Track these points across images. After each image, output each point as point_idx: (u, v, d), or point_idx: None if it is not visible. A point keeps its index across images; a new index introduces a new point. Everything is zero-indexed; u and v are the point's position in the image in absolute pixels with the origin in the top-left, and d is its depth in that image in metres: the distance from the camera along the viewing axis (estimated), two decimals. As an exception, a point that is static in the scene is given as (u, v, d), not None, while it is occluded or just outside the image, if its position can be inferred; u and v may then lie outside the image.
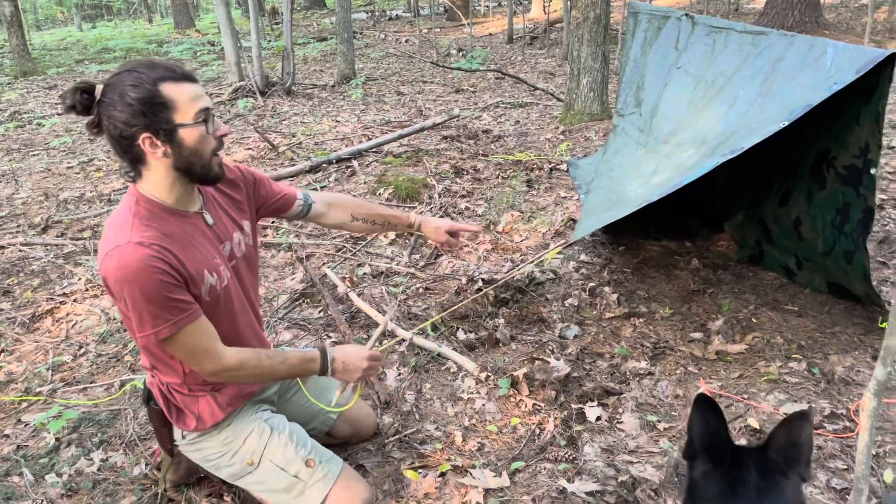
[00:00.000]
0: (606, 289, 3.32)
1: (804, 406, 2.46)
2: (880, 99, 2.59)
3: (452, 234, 2.48)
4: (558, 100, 7.78)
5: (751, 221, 3.64)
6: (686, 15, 3.86)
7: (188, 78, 1.71)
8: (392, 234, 4.20)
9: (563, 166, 5.26)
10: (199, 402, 1.95)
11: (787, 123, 2.43)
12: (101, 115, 1.66)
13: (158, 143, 1.68)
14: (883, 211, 4.11)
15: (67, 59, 15.11)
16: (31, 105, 9.79)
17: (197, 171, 1.77)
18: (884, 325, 2.98)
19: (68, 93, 1.66)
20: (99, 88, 1.66)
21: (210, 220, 1.90)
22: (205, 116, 1.71)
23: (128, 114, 1.64)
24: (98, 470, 2.36)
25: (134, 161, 1.73)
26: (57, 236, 4.54)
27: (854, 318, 3.05)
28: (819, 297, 3.23)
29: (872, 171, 2.70)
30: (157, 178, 1.75)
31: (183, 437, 2.00)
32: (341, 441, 2.39)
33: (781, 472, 1.37)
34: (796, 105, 2.49)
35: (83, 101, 1.66)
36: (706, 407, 1.42)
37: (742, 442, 2.32)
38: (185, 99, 1.68)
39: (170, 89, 1.66)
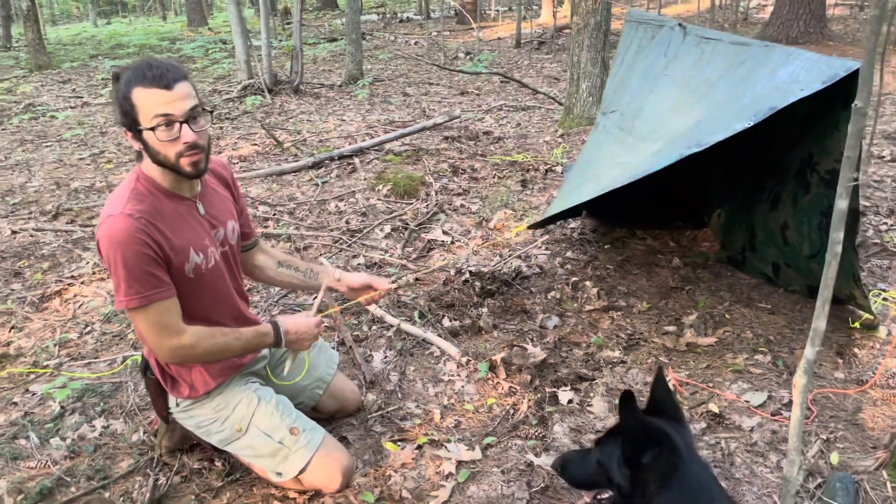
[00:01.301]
0: (588, 283, 3.47)
1: (764, 394, 2.61)
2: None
3: (369, 286, 2.40)
4: (559, 104, 7.93)
5: (739, 226, 3.78)
6: (679, 25, 4.00)
7: (158, 82, 1.80)
8: (388, 228, 4.37)
9: (559, 168, 5.42)
10: (192, 371, 2.12)
11: (752, 123, 2.57)
12: None
13: (135, 140, 1.88)
14: (864, 217, 4.24)
15: (82, 53, 15.36)
16: (45, 98, 10.01)
17: (169, 168, 1.91)
18: (856, 324, 3.12)
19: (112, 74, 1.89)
20: None
21: (202, 210, 2.07)
22: (162, 122, 1.81)
23: (117, 111, 1.86)
24: (99, 436, 2.53)
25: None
26: (67, 223, 4.73)
27: (823, 317, 3.19)
28: (793, 296, 3.37)
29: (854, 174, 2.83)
30: (150, 165, 1.93)
31: (177, 404, 2.17)
32: (327, 416, 2.55)
33: (680, 423, 1.57)
34: (762, 107, 2.63)
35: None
36: (634, 401, 1.54)
37: (704, 425, 2.48)
38: (146, 105, 1.81)
39: (137, 94, 1.81)
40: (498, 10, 21.41)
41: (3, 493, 2.21)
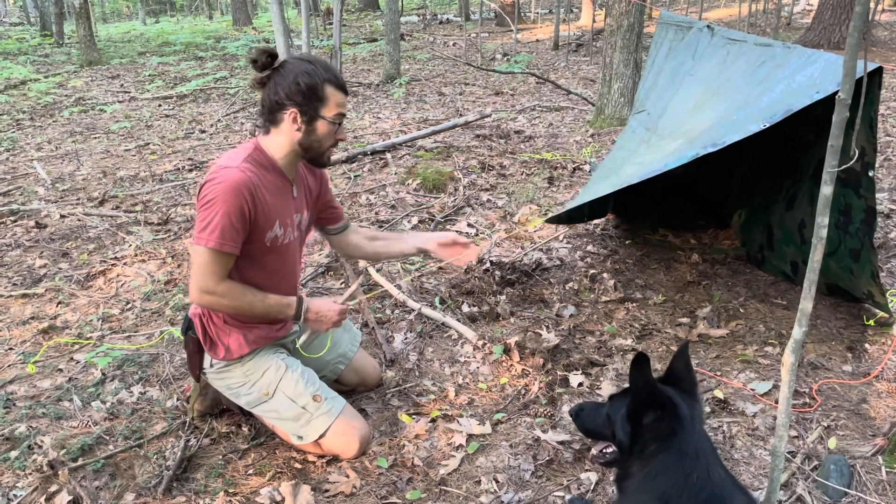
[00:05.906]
0: (606, 275, 3.57)
1: (769, 383, 2.68)
2: (871, 105, 2.78)
3: (453, 244, 2.61)
4: (592, 105, 8.00)
5: (758, 226, 3.84)
6: (707, 26, 4.08)
7: (343, 89, 2.19)
8: (415, 220, 4.52)
9: (587, 167, 5.51)
10: (230, 335, 2.29)
11: (767, 125, 2.64)
12: (272, 78, 2.14)
13: (300, 121, 2.14)
14: (889, 219, 4.26)
15: (130, 50, 15.85)
16: (94, 92, 10.40)
17: (311, 154, 2.23)
18: (870, 322, 3.17)
19: (259, 51, 2.12)
20: (279, 60, 2.14)
21: (295, 193, 2.32)
22: (339, 120, 2.20)
23: (292, 90, 2.11)
24: (136, 401, 2.72)
25: (270, 121, 2.18)
26: (112, 209, 4.97)
27: (838, 314, 3.24)
28: (808, 293, 3.42)
29: (870, 173, 2.89)
30: (280, 143, 2.20)
31: (211, 365, 2.34)
32: (349, 389, 2.70)
33: (694, 398, 1.65)
34: (778, 109, 2.70)
35: (266, 62, 2.13)
36: (646, 365, 1.61)
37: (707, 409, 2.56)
38: (334, 102, 2.16)
39: (329, 90, 2.15)
40: (538, 13, 21.46)
41: (48, 447, 2.40)
